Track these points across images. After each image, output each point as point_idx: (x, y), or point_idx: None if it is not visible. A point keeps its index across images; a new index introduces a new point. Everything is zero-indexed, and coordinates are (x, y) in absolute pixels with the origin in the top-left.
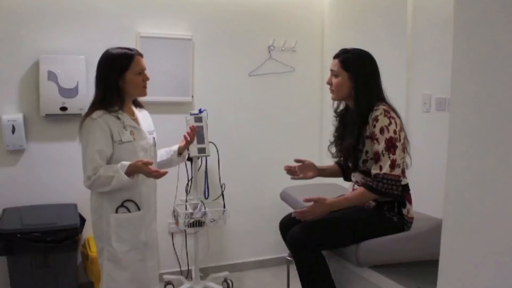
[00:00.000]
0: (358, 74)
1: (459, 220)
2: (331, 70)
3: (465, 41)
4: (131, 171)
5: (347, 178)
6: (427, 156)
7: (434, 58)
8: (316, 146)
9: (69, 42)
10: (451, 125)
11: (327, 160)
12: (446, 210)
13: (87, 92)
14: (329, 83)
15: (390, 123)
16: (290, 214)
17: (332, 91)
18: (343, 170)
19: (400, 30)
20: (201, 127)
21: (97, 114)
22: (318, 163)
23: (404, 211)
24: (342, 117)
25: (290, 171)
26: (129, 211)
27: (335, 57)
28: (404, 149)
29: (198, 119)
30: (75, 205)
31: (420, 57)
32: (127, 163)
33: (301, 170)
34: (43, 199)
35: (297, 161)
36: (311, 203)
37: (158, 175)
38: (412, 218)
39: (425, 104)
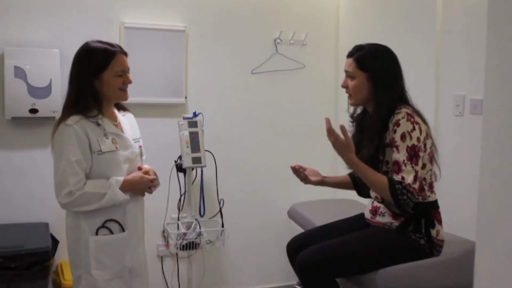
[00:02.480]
0: (377, 73)
1: (495, 243)
2: (346, 71)
3: (501, 33)
4: (126, 188)
5: (361, 193)
6: (459, 168)
7: (468, 54)
8: (330, 155)
9: (41, 33)
10: (484, 132)
11: (342, 170)
12: (480, 232)
13: (62, 92)
14: (345, 86)
15: (414, 129)
16: (299, 235)
17: (349, 95)
18: (356, 183)
19: (429, 20)
20: (196, 133)
21: (73, 119)
22: (332, 174)
23: (433, 232)
24: (359, 122)
25: (295, 170)
26: (111, 232)
27: (349, 55)
28: (432, 159)
29: (193, 123)
30: (46, 224)
31: (452, 52)
32: (121, 178)
33: (305, 175)
34: (8, 218)
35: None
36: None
37: (154, 185)
38: (442, 241)
39: (457, 107)
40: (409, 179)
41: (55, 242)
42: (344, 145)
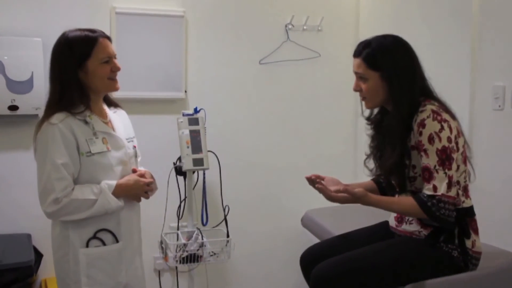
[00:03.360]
0: (391, 69)
1: None
2: (356, 73)
3: None
4: (120, 193)
5: None
6: (498, 168)
7: (509, 39)
8: (350, 157)
9: (21, 20)
10: None
11: (363, 175)
12: None
13: (45, 86)
14: (357, 89)
15: (442, 128)
16: (314, 246)
17: (364, 98)
18: (383, 189)
19: (463, 0)
20: (198, 132)
21: (57, 117)
22: (353, 179)
23: (468, 243)
24: (378, 124)
25: (311, 181)
26: (104, 244)
27: (356, 55)
28: (465, 160)
29: (194, 121)
30: (28, 236)
31: (490, 37)
32: (113, 182)
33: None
34: None
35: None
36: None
37: (151, 189)
38: (479, 253)
39: (497, 100)
40: (442, 188)
41: (38, 255)
42: (350, 199)
